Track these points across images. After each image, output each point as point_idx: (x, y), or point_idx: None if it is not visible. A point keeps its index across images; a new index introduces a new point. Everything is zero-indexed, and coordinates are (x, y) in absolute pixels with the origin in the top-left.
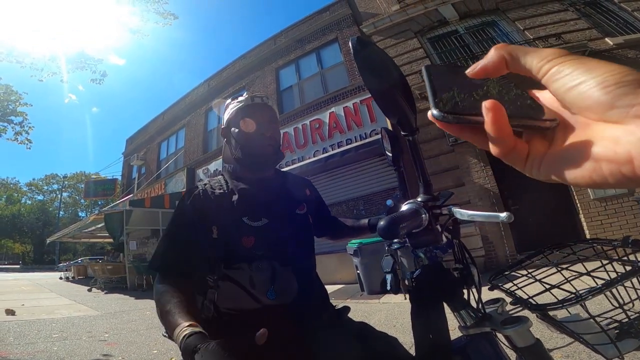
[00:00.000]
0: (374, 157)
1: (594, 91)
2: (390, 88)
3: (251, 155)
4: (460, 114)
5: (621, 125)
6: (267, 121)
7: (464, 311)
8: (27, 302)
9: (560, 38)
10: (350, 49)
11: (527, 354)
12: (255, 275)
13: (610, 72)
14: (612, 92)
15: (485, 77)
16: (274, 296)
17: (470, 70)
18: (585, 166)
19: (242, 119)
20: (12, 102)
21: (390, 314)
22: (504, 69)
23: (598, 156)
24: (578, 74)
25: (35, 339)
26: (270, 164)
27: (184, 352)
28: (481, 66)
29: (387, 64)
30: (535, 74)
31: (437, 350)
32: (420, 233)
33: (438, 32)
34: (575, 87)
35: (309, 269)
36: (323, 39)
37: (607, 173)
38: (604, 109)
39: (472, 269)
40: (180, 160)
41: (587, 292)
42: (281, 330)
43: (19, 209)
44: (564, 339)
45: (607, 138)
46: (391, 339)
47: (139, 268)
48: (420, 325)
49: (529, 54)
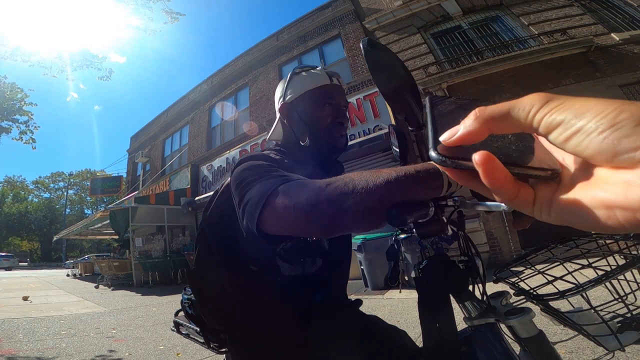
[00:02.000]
0: (378, 152)
1: (591, 140)
2: (398, 86)
3: (323, 147)
4: (458, 158)
5: (630, 170)
6: (344, 107)
7: (469, 302)
8: (36, 299)
9: (565, 33)
10: (362, 50)
11: (530, 344)
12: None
13: (602, 114)
14: (609, 137)
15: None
16: (321, 297)
17: (446, 139)
18: (599, 214)
19: (318, 103)
20: (18, 100)
21: (394, 310)
22: (485, 134)
23: (611, 204)
24: (569, 122)
25: (44, 336)
26: (338, 156)
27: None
28: (458, 136)
29: (395, 63)
30: (527, 129)
31: (444, 340)
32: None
33: (441, 28)
34: (571, 138)
35: (349, 261)
36: (326, 35)
37: (623, 220)
38: (608, 158)
39: (477, 261)
40: (185, 157)
41: (587, 283)
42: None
43: (26, 207)
44: (568, 333)
45: (617, 183)
46: (401, 332)
47: (145, 265)
48: (427, 315)
49: (513, 109)
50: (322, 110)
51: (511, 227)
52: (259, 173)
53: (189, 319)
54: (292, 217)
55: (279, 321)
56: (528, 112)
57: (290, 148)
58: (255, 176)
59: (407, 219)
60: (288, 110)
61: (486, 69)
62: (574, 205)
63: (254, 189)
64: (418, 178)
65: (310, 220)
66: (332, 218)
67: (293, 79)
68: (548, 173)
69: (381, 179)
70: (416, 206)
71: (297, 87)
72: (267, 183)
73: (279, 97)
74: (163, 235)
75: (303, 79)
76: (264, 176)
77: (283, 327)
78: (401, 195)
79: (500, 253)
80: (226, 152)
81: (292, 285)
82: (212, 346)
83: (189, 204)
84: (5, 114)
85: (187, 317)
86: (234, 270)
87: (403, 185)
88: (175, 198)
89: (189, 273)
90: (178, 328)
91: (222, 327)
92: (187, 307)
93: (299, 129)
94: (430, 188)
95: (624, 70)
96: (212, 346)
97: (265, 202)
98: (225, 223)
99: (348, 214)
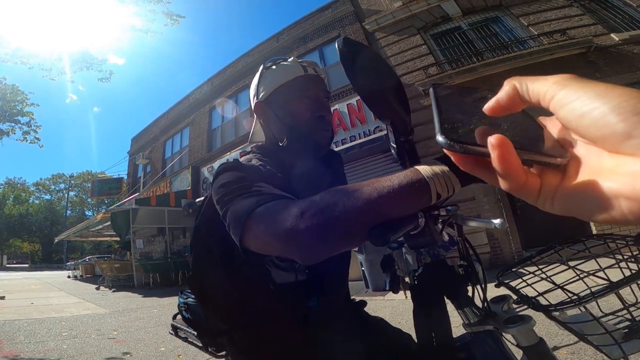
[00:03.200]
0: (378, 154)
1: (609, 119)
2: (381, 89)
3: (303, 143)
4: (467, 143)
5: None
6: (324, 98)
7: (467, 309)
8: (37, 301)
9: (565, 34)
10: (337, 51)
11: (530, 352)
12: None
13: (625, 98)
14: (628, 120)
15: (503, 114)
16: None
17: (487, 107)
18: (603, 203)
19: (293, 97)
20: (19, 102)
21: (395, 311)
22: (520, 102)
23: (616, 193)
24: (588, 99)
25: (45, 338)
26: (325, 152)
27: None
28: (496, 101)
29: (378, 64)
30: (542, 99)
31: (439, 348)
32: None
33: (441, 29)
34: (587, 114)
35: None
36: (325, 37)
37: (627, 211)
38: (621, 140)
39: (476, 266)
40: (185, 159)
41: (590, 295)
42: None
43: (27, 209)
44: (570, 336)
45: (624, 173)
46: (406, 334)
47: (146, 266)
48: (421, 323)
49: (537, 81)
50: (298, 105)
51: (512, 227)
52: (236, 190)
53: (186, 322)
54: (271, 243)
55: (277, 322)
56: (550, 82)
57: (272, 149)
58: (231, 194)
59: (390, 238)
60: (262, 109)
61: (486, 70)
62: (580, 194)
63: (233, 208)
64: (403, 192)
65: (288, 249)
66: (309, 247)
67: (264, 75)
68: (558, 160)
69: (362, 200)
70: (402, 222)
71: (269, 83)
72: (244, 204)
73: (252, 95)
74: (164, 237)
75: (274, 73)
76: (240, 194)
77: (282, 328)
78: (385, 214)
79: (501, 254)
80: (227, 154)
81: (285, 291)
82: (209, 350)
83: (189, 205)
84: (7, 115)
85: (184, 320)
86: (231, 270)
87: (386, 203)
88: (175, 200)
89: (189, 278)
90: (176, 332)
91: (226, 326)
92: (183, 311)
93: (277, 127)
94: (417, 201)
95: (623, 71)
96: (209, 350)
97: (244, 225)
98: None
99: (326, 242)
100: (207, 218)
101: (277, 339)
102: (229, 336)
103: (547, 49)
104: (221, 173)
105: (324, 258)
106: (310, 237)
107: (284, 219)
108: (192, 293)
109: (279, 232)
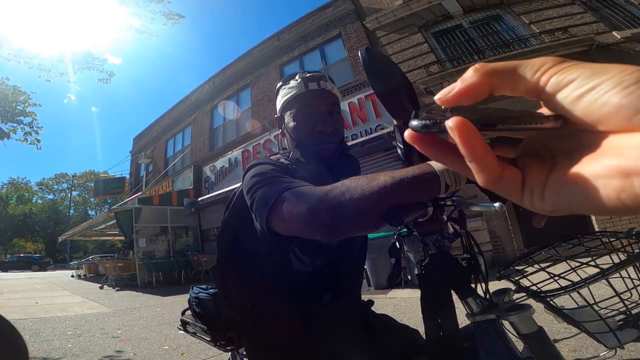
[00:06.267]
0: (380, 152)
1: (611, 95)
2: (397, 92)
3: (310, 155)
4: (432, 122)
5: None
6: (326, 112)
7: (471, 299)
8: (41, 300)
9: (566, 32)
10: (360, 59)
11: (530, 340)
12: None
13: (626, 72)
14: (635, 92)
15: (465, 104)
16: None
17: (441, 96)
18: (610, 185)
19: (297, 115)
20: (21, 102)
21: (397, 309)
22: (486, 92)
23: (630, 170)
24: (585, 79)
25: (50, 337)
26: (333, 160)
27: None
28: (456, 90)
29: (393, 69)
30: (531, 89)
31: (446, 335)
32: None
33: (442, 27)
34: (586, 95)
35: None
36: (327, 35)
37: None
38: (629, 115)
39: (479, 259)
40: (187, 158)
41: (582, 281)
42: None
43: (30, 208)
44: (571, 332)
45: (634, 147)
46: (413, 330)
47: (149, 265)
48: (429, 311)
49: (520, 66)
50: (298, 121)
51: (515, 226)
52: (266, 179)
53: (196, 317)
54: (295, 223)
55: (289, 319)
56: (537, 69)
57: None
58: (262, 182)
59: (404, 219)
60: (279, 123)
61: None
62: (579, 181)
63: (261, 194)
64: (414, 182)
65: (311, 227)
66: (330, 225)
67: (278, 93)
68: (550, 124)
69: (379, 186)
70: (413, 207)
71: (279, 101)
72: (273, 189)
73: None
74: (166, 236)
75: (282, 92)
76: (270, 182)
77: (293, 325)
78: (398, 200)
79: (504, 252)
80: (228, 153)
81: (302, 282)
82: (218, 344)
83: (192, 204)
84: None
85: (194, 315)
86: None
87: (399, 190)
88: (178, 199)
89: (213, 269)
90: (185, 326)
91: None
92: (194, 305)
93: (289, 139)
94: (427, 191)
95: None
96: (218, 344)
97: (271, 207)
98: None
99: (345, 221)
100: (236, 212)
101: (288, 335)
102: (239, 331)
103: (549, 47)
104: (253, 167)
105: (344, 237)
106: (332, 216)
107: (308, 199)
108: (214, 282)
109: (303, 211)
